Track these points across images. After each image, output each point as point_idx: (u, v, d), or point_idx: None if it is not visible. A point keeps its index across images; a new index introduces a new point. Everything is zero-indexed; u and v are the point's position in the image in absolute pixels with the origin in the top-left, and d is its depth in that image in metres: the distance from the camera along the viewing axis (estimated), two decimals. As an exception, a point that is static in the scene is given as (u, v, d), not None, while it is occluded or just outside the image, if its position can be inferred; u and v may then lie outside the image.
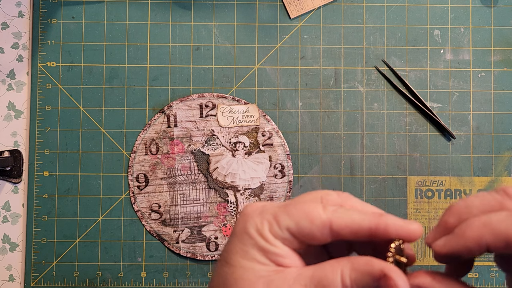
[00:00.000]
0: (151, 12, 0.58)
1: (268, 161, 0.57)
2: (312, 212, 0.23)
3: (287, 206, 0.24)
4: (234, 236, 0.25)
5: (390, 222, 0.23)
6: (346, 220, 0.23)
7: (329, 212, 0.23)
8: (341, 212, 0.23)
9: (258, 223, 0.24)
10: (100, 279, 0.56)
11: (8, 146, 0.57)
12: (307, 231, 0.23)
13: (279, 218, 0.24)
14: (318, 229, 0.23)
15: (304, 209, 0.23)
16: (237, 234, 0.24)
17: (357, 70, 0.58)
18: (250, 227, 0.24)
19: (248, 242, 0.24)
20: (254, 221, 0.24)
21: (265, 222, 0.24)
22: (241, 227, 0.24)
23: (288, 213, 0.24)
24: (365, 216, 0.23)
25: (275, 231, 0.24)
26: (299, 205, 0.24)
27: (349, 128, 0.58)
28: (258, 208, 0.25)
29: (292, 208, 0.24)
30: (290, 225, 0.23)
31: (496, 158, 0.58)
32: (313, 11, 0.58)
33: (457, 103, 0.58)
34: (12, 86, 0.57)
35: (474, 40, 0.58)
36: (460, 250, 0.22)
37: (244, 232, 0.24)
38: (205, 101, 0.57)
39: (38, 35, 0.57)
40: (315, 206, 0.24)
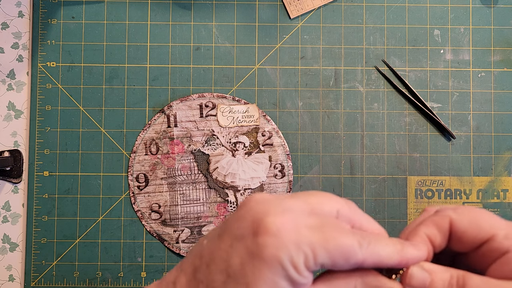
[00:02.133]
0: (151, 12, 0.58)
1: (268, 161, 0.57)
2: (350, 250, 0.22)
3: (324, 235, 0.22)
4: (261, 261, 0.22)
5: (410, 258, 0.24)
6: (375, 258, 0.23)
7: (364, 250, 0.23)
8: (372, 249, 0.23)
9: (294, 256, 0.22)
10: (100, 279, 0.56)
11: (8, 146, 0.57)
12: (339, 267, 0.23)
13: (317, 253, 0.22)
14: (349, 266, 0.23)
15: (343, 246, 0.22)
16: (267, 261, 0.22)
17: (357, 70, 0.58)
18: (284, 257, 0.22)
19: (280, 274, 0.22)
20: (289, 252, 0.22)
21: (301, 255, 0.22)
22: (273, 255, 0.22)
23: (326, 249, 0.22)
24: (390, 252, 0.23)
25: (310, 266, 0.22)
26: (336, 238, 0.22)
27: (349, 128, 0.58)
28: (290, 229, 0.22)
29: (330, 241, 0.22)
30: (325, 262, 0.22)
31: (496, 158, 0.58)
32: (313, 11, 0.58)
33: (457, 103, 0.58)
34: (12, 86, 0.58)
35: (474, 40, 0.58)
36: None
37: (277, 261, 0.22)
38: (205, 101, 0.57)
39: (38, 35, 0.57)
40: (352, 242, 0.23)
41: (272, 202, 0.24)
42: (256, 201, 0.24)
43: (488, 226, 0.24)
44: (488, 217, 0.24)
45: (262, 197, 0.24)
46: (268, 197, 0.24)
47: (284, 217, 0.23)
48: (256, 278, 0.22)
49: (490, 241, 0.23)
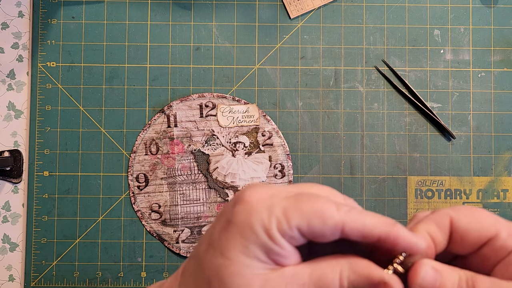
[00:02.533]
0: (151, 12, 0.58)
1: (268, 161, 0.57)
2: (325, 211, 0.21)
3: (298, 200, 0.22)
4: (233, 226, 0.22)
5: (401, 234, 0.22)
6: (359, 224, 0.22)
7: (343, 212, 0.22)
8: (355, 214, 0.22)
9: (266, 220, 0.22)
10: (100, 279, 0.56)
11: (8, 146, 0.57)
12: (318, 231, 0.22)
13: (290, 215, 0.21)
14: (330, 230, 0.22)
15: (317, 207, 0.22)
16: (239, 226, 0.22)
17: (357, 70, 0.58)
18: (255, 222, 0.22)
19: (251, 238, 0.22)
20: (260, 216, 0.22)
21: (273, 219, 0.22)
22: (244, 219, 0.22)
23: (300, 210, 0.21)
24: (377, 222, 0.22)
25: (284, 230, 0.22)
26: (311, 201, 0.22)
27: (349, 128, 0.58)
28: (264, 198, 0.22)
29: (304, 203, 0.22)
30: (301, 224, 0.21)
31: (496, 158, 0.58)
32: (313, 11, 0.58)
33: (457, 103, 0.58)
34: (12, 86, 0.58)
35: (474, 40, 0.58)
36: None
37: (248, 226, 0.22)
38: (205, 101, 0.57)
39: (38, 35, 0.57)
40: (329, 204, 0.22)
41: (257, 184, 0.24)
42: (249, 192, 0.23)
43: (490, 224, 0.22)
44: (489, 216, 0.23)
45: (258, 188, 0.24)
46: (264, 188, 0.24)
47: (261, 189, 0.23)
48: (229, 243, 0.22)
49: (493, 240, 0.22)
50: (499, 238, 0.22)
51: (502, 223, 0.22)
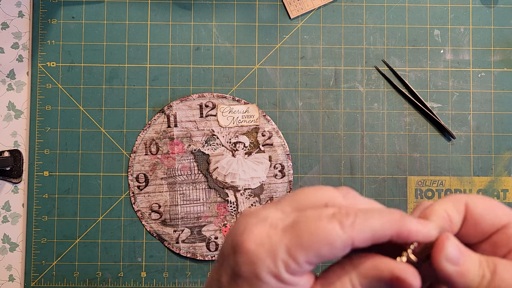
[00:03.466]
0: (151, 12, 0.58)
1: (268, 161, 0.57)
2: (329, 235, 0.20)
3: (298, 233, 0.21)
4: (241, 279, 0.21)
5: (412, 228, 0.21)
6: (367, 233, 0.21)
7: (348, 228, 0.20)
8: (360, 224, 0.21)
9: (272, 266, 0.20)
10: (100, 279, 0.56)
11: (8, 146, 0.57)
12: (328, 256, 0.21)
13: (295, 254, 0.20)
14: (340, 251, 0.21)
15: (320, 234, 0.20)
16: (247, 279, 0.21)
17: (357, 70, 0.58)
18: (262, 272, 0.21)
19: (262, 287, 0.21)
20: (265, 264, 0.21)
21: (280, 263, 0.20)
22: (251, 272, 0.21)
23: (304, 245, 0.20)
24: (385, 223, 0.21)
25: (293, 270, 0.21)
26: (311, 229, 0.21)
27: (349, 128, 0.58)
28: (263, 243, 0.21)
29: (305, 235, 0.20)
30: (309, 258, 0.20)
31: (496, 158, 0.58)
32: (313, 11, 0.58)
33: (457, 103, 0.58)
34: (12, 86, 0.58)
35: (474, 40, 0.58)
36: None
37: (255, 277, 0.21)
38: (205, 101, 0.57)
39: (38, 35, 0.57)
40: (330, 226, 0.20)
41: (250, 216, 0.22)
42: (239, 219, 0.23)
43: (503, 213, 0.22)
44: (502, 205, 0.23)
45: (246, 212, 0.23)
46: (252, 211, 0.23)
47: (257, 229, 0.21)
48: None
49: (505, 228, 0.22)
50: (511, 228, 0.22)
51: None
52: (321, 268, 0.56)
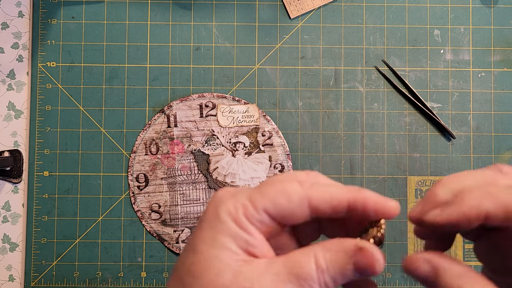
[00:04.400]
0: (151, 12, 0.58)
1: (268, 161, 0.57)
2: (289, 189, 0.22)
3: (261, 186, 0.22)
4: (203, 222, 0.22)
5: (368, 196, 0.22)
6: (325, 194, 0.22)
7: (307, 187, 0.22)
8: (319, 186, 0.22)
9: (231, 207, 0.22)
10: (100, 279, 0.56)
11: (8, 146, 0.57)
12: (285, 210, 0.22)
13: (255, 200, 0.22)
14: (297, 206, 0.22)
15: (280, 187, 0.22)
16: (207, 220, 0.22)
17: (357, 70, 0.58)
18: (222, 212, 0.22)
19: (218, 228, 0.22)
20: (226, 205, 0.22)
21: (239, 205, 0.22)
22: (212, 212, 0.22)
23: (264, 193, 0.22)
24: (343, 189, 0.22)
25: (251, 215, 0.22)
26: (274, 185, 0.22)
27: (349, 128, 0.58)
28: (231, 191, 0.23)
29: (268, 188, 0.22)
30: (267, 205, 0.22)
31: (496, 158, 0.58)
32: (313, 11, 0.58)
33: (457, 103, 0.58)
34: (12, 86, 0.58)
35: (474, 40, 0.58)
36: (457, 219, 0.21)
37: (215, 217, 0.22)
38: (205, 101, 0.57)
39: (38, 35, 0.57)
40: (291, 183, 0.22)
41: (230, 187, 0.24)
42: (218, 191, 0.24)
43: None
44: None
45: (226, 187, 0.24)
46: (232, 187, 0.24)
47: (230, 188, 0.24)
48: (198, 238, 0.22)
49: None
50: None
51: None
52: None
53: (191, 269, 0.22)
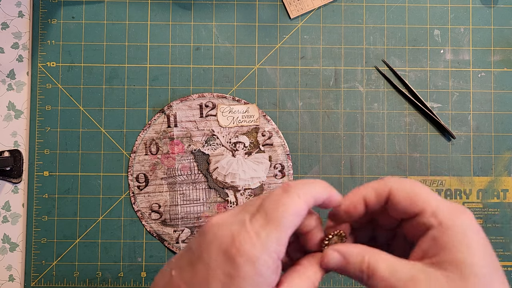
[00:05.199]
0: (151, 12, 0.58)
1: (268, 161, 0.57)
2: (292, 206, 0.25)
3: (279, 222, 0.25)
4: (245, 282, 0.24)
5: (334, 194, 0.27)
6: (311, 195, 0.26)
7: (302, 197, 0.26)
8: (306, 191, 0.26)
9: (269, 262, 0.24)
10: (100, 279, 0.56)
11: (8, 146, 0.57)
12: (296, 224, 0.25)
13: (281, 238, 0.24)
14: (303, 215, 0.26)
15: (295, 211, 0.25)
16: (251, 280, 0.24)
17: (357, 70, 0.58)
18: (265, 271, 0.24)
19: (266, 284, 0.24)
20: (265, 262, 0.24)
21: (274, 255, 0.24)
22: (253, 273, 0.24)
23: (285, 226, 0.25)
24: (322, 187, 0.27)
25: (281, 253, 0.25)
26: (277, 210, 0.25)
27: (349, 128, 0.58)
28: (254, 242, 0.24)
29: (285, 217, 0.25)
30: (289, 233, 0.25)
31: (496, 158, 0.58)
32: (313, 11, 0.58)
33: (457, 103, 0.58)
34: (12, 86, 0.58)
35: (474, 40, 0.58)
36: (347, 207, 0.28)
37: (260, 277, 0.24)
38: (205, 101, 0.57)
39: (38, 35, 0.57)
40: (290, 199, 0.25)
41: (228, 222, 0.25)
42: (217, 226, 0.25)
43: (421, 201, 0.25)
44: (425, 193, 0.25)
45: (219, 219, 0.26)
46: (224, 217, 0.26)
47: (241, 233, 0.24)
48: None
49: (419, 216, 0.25)
50: (424, 215, 0.25)
51: (432, 202, 0.25)
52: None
53: None
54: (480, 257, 0.23)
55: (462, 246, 0.23)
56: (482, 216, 0.57)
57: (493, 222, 0.57)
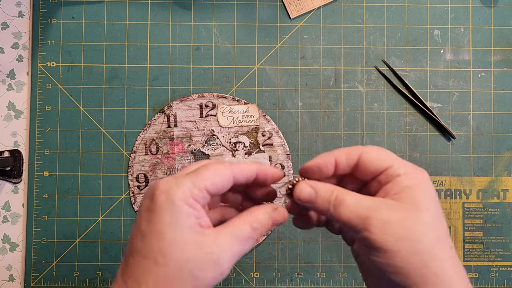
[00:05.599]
0: (151, 12, 0.58)
1: (268, 161, 0.57)
2: (221, 170, 0.30)
3: (199, 173, 0.29)
4: (159, 210, 0.28)
5: (265, 168, 0.32)
6: (243, 171, 0.31)
7: (230, 166, 0.30)
8: (239, 166, 0.31)
9: (181, 194, 0.28)
10: (100, 279, 0.56)
11: (8, 146, 0.57)
12: (219, 185, 0.29)
13: (198, 183, 0.28)
14: (227, 180, 0.30)
15: (215, 170, 0.29)
16: (163, 208, 0.28)
17: (357, 70, 0.58)
18: (175, 199, 0.28)
19: (177, 212, 0.28)
20: (177, 193, 0.28)
21: (187, 190, 0.28)
22: (165, 201, 0.28)
23: (204, 176, 0.29)
24: (253, 166, 0.31)
25: (197, 195, 0.28)
26: (209, 169, 0.29)
27: (349, 128, 0.58)
28: (171, 181, 0.29)
29: (205, 171, 0.29)
30: (207, 185, 0.29)
31: (496, 158, 0.58)
32: (313, 11, 0.58)
33: (457, 103, 0.58)
34: (12, 86, 0.58)
35: (474, 40, 0.58)
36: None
37: (170, 204, 0.28)
38: (205, 101, 0.57)
39: (38, 35, 0.57)
40: (221, 165, 0.30)
41: (167, 178, 0.30)
42: (158, 184, 0.29)
43: (389, 159, 0.30)
44: (390, 153, 0.30)
45: (163, 180, 0.29)
46: (167, 178, 0.30)
47: (167, 179, 0.29)
48: (162, 223, 0.28)
49: (388, 170, 0.30)
50: (392, 168, 0.29)
51: (397, 159, 0.30)
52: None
53: (162, 250, 0.27)
54: (432, 203, 0.28)
55: (420, 190, 0.28)
56: (482, 216, 0.57)
57: (493, 222, 0.57)
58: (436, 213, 0.28)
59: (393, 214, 0.27)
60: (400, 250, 0.26)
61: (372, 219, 0.27)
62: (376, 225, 0.27)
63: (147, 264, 0.28)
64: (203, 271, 0.27)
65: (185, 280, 0.27)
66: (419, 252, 0.26)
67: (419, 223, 0.27)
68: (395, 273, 0.27)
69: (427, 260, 0.26)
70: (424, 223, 0.27)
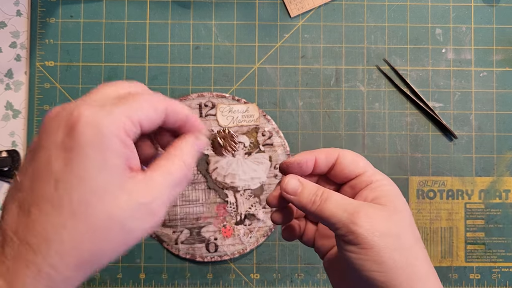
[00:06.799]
0: (150, 11, 0.57)
1: (269, 161, 0.56)
2: (156, 102, 0.25)
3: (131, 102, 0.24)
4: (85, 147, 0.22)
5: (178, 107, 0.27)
6: (176, 108, 0.26)
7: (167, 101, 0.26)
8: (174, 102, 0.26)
9: (114, 128, 0.23)
10: (98, 281, 0.56)
11: (6, 146, 0.57)
12: (153, 119, 0.25)
13: (132, 116, 0.23)
14: (160, 115, 0.25)
15: (149, 101, 0.25)
16: (90, 144, 0.22)
17: (358, 70, 0.57)
18: (107, 132, 0.22)
19: (106, 149, 0.22)
20: (108, 127, 0.22)
21: (120, 123, 0.23)
22: (94, 135, 0.22)
23: (138, 108, 0.24)
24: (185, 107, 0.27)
25: (130, 130, 0.23)
26: (141, 99, 0.24)
27: (350, 128, 0.57)
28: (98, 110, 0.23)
29: (138, 102, 0.24)
30: (142, 118, 0.24)
31: (498, 158, 0.57)
32: (314, 10, 0.58)
33: (459, 102, 0.58)
34: (10, 85, 0.57)
35: (476, 39, 0.58)
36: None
37: (100, 139, 0.22)
38: (205, 101, 0.56)
39: (36, 34, 0.57)
40: (156, 96, 0.25)
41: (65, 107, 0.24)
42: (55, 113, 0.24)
43: (363, 165, 0.32)
44: (364, 160, 0.32)
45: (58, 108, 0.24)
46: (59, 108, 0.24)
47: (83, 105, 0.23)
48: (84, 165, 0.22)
49: (361, 175, 0.31)
50: (366, 174, 0.31)
51: (370, 166, 0.32)
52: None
53: (84, 199, 0.22)
54: (407, 207, 0.30)
55: (396, 195, 0.30)
56: (484, 217, 0.57)
57: (495, 223, 0.57)
58: (411, 217, 0.30)
59: (377, 212, 0.28)
60: (385, 246, 0.27)
61: (360, 213, 0.28)
62: (365, 219, 0.28)
63: (60, 216, 0.22)
64: (135, 223, 0.23)
65: (113, 235, 0.23)
66: (402, 248, 0.28)
67: (401, 221, 0.29)
68: (378, 271, 0.27)
69: (409, 257, 0.28)
70: (405, 222, 0.29)
